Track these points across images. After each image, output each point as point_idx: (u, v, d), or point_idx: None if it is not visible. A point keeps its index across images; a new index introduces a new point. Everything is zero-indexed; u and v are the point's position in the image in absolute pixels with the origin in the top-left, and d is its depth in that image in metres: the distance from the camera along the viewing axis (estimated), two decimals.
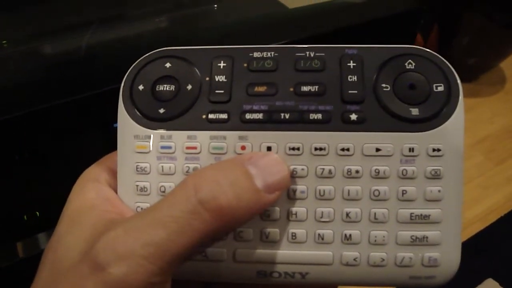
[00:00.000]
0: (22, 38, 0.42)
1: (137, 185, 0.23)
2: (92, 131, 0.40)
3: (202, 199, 0.19)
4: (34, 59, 0.40)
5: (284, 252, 0.23)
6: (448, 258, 0.23)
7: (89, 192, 0.23)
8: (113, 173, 0.24)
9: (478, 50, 1.14)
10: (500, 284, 0.80)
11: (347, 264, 0.23)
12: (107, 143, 0.47)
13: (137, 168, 0.24)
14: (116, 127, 0.43)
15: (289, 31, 0.44)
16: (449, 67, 0.23)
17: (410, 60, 0.23)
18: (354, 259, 0.22)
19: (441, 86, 0.23)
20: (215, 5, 0.52)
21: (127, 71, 0.37)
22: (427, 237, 0.22)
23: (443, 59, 0.23)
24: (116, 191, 0.24)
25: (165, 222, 0.19)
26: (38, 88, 0.35)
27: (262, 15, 0.50)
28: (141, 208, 0.23)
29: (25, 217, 0.41)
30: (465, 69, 1.21)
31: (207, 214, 0.19)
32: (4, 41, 0.40)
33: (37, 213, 0.41)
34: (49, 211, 0.43)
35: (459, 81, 0.23)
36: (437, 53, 0.24)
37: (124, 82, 0.24)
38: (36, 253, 0.52)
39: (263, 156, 0.21)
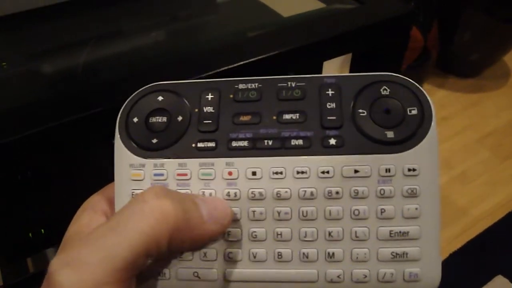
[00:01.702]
0: (21, 58, 0.43)
1: None
2: (91, 149, 0.41)
3: (147, 197, 0.21)
4: (32, 79, 0.41)
5: (271, 271, 0.24)
6: (428, 273, 0.23)
7: (83, 220, 0.24)
8: (111, 203, 0.26)
9: (480, 45, 1.13)
10: (510, 281, 0.80)
11: (331, 281, 0.23)
12: (107, 160, 0.47)
13: (132, 195, 0.25)
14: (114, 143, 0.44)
15: (285, 40, 0.45)
16: (422, 91, 0.25)
17: (385, 87, 0.25)
18: (338, 276, 0.23)
19: (414, 109, 0.24)
20: (211, 17, 0.53)
21: (125, 87, 0.37)
22: (407, 253, 0.23)
23: (416, 84, 0.25)
24: None
25: (112, 227, 0.20)
26: (38, 108, 0.36)
27: (258, 25, 0.50)
28: None
29: (30, 234, 0.42)
30: (468, 64, 1.21)
31: (150, 212, 0.20)
32: (4, 63, 0.41)
33: (42, 230, 0.42)
34: (53, 228, 0.44)
35: (432, 103, 0.24)
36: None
37: (120, 115, 0.26)
38: (45, 268, 0.53)
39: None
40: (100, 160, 0.46)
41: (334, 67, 1.25)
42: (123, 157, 0.25)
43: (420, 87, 0.24)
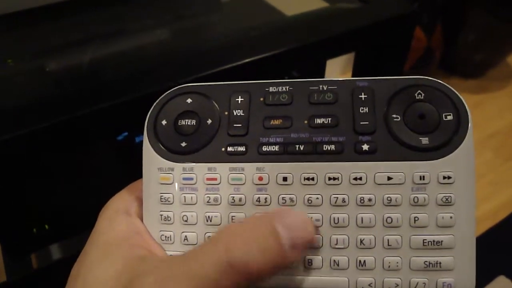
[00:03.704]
0: (27, 55, 0.43)
1: (161, 215, 0.24)
2: (96, 145, 0.41)
3: (232, 261, 0.20)
4: (38, 76, 0.41)
5: (301, 278, 0.24)
6: (462, 283, 0.23)
7: (120, 225, 0.24)
8: (142, 203, 0.25)
9: (483, 46, 1.13)
10: None
11: None
12: (111, 157, 0.48)
13: (161, 198, 0.25)
14: (120, 140, 0.44)
15: (289, 38, 0.45)
16: (458, 96, 0.24)
17: (419, 91, 0.24)
18: (369, 285, 0.23)
19: (450, 115, 0.23)
20: (215, 16, 0.53)
21: (130, 85, 0.38)
22: (440, 263, 0.23)
23: (452, 88, 0.24)
24: None
25: (193, 276, 0.20)
26: (43, 105, 0.36)
27: (262, 24, 0.50)
28: (165, 237, 0.24)
29: (34, 230, 0.42)
30: (472, 65, 1.21)
31: (236, 275, 0.20)
32: (10, 60, 0.42)
33: (46, 226, 0.42)
34: (57, 224, 0.44)
35: (468, 109, 0.23)
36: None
37: (148, 118, 0.25)
38: (49, 264, 0.53)
39: (290, 214, 0.22)
40: (104, 156, 0.46)
41: (338, 66, 1.26)
42: (152, 160, 0.25)
43: (456, 92, 0.24)
